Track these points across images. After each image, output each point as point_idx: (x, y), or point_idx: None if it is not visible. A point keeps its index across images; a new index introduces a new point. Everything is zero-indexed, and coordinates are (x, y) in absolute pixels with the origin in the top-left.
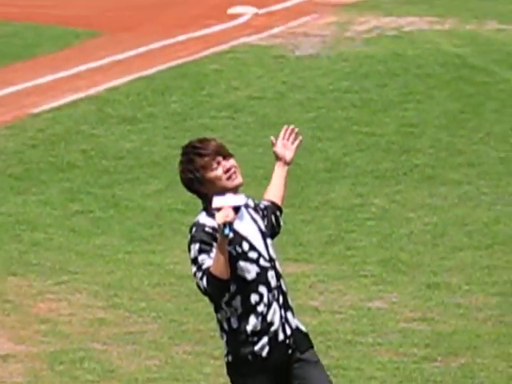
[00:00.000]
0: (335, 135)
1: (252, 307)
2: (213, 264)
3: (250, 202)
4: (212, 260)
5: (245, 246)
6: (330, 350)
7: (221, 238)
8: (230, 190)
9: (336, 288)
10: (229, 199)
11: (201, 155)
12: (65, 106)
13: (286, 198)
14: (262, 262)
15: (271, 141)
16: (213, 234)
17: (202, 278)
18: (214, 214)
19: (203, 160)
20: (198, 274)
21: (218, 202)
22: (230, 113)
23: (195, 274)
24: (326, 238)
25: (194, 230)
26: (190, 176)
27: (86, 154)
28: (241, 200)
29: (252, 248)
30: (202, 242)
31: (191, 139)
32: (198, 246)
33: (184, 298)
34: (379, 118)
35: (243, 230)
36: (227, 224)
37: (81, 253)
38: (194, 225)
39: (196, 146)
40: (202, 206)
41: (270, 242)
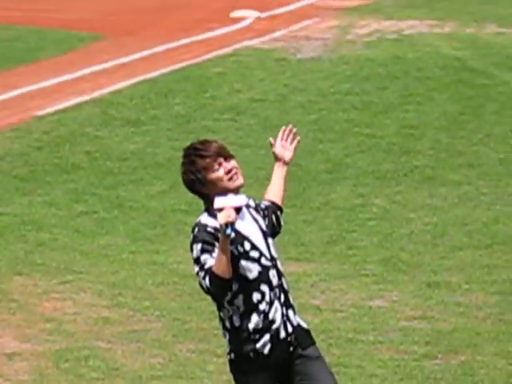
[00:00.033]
0: (336, 137)
1: (254, 305)
2: (215, 263)
3: (251, 203)
4: (214, 260)
5: (246, 245)
6: (332, 347)
7: (223, 237)
8: (232, 191)
9: (337, 287)
10: (230, 200)
11: (202, 157)
12: (69, 109)
13: (288, 198)
14: (263, 261)
15: (270, 142)
16: (215, 234)
17: (204, 278)
18: (216, 215)
19: (205, 161)
20: (200, 274)
21: (219, 202)
22: (232, 115)
23: (198, 274)
24: (328, 237)
25: (197, 230)
26: (191, 177)
27: (91, 155)
28: (242, 200)
29: (253, 247)
30: (205, 242)
31: (193, 141)
32: (201, 245)
33: (187, 296)
34: (380, 119)
35: (245, 230)
36: (229, 224)
37: (85, 253)
38: (196, 225)
39: (197, 148)
40: (204, 207)
41: (271, 241)
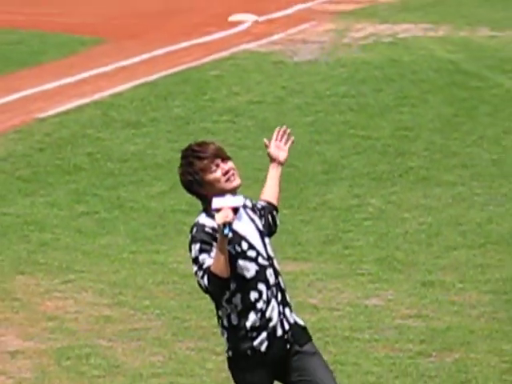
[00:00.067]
0: (333, 138)
1: (251, 304)
2: (213, 263)
3: (248, 203)
4: (212, 259)
5: (244, 245)
6: (328, 345)
7: (221, 237)
8: (229, 192)
9: (334, 286)
10: (228, 200)
11: (200, 158)
12: (71, 111)
13: (286, 199)
14: (260, 260)
15: (264, 143)
16: (213, 234)
17: (203, 277)
18: (214, 215)
19: (202, 163)
20: (199, 273)
21: (217, 203)
22: (230, 117)
23: (196, 273)
24: (324, 237)
25: (195, 230)
26: (189, 178)
27: (92, 156)
28: (239, 201)
29: (251, 247)
30: (203, 242)
31: (191, 143)
32: (199, 245)
33: (187, 295)
34: (375, 121)
35: (242, 230)
36: (227, 224)
37: (87, 252)
38: (195, 225)
39: (195, 150)
40: (202, 208)
41: (268, 240)
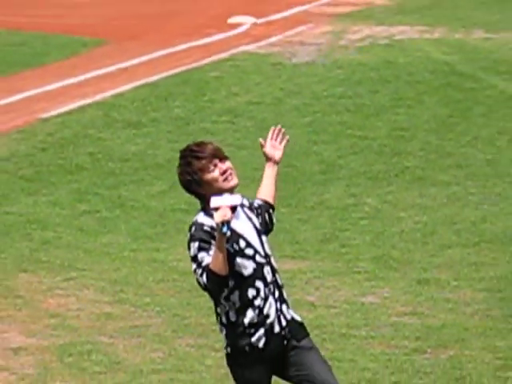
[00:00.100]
0: (330, 139)
1: (249, 301)
2: (212, 261)
3: (245, 202)
4: (211, 257)
5: (241, 243)
6: (325, 342)
7: (219, 236)
8: (227, 191)
9: (331, 284)
10: (226, 199)
11: (198, 158)
12: (73, 112)
13: (283, 198)
14: (258, 258)
15: (260, 143)
16: (211, 233)
17: (201, 275)
18: (212, 214)
19: (201, 163)
20: (197, 271)
21: (215, 202)
22: (230, 117)
23: (195, 271)
24: (322, 236)
25: (193, 229)
26: (188, 178)
27: (94, 156)
28: (237, 200)
29: (248, 245)
30: (201, 240)
31: (189, 143)
32: (198, 244)
33: (186, 293)
34: (372, 122)
35: (240, 228)
36: (225, 223)
37: (88, 251)
38: (193, 224)
39: (193, 150)
40: (200, 207)
41: (265, 238)
